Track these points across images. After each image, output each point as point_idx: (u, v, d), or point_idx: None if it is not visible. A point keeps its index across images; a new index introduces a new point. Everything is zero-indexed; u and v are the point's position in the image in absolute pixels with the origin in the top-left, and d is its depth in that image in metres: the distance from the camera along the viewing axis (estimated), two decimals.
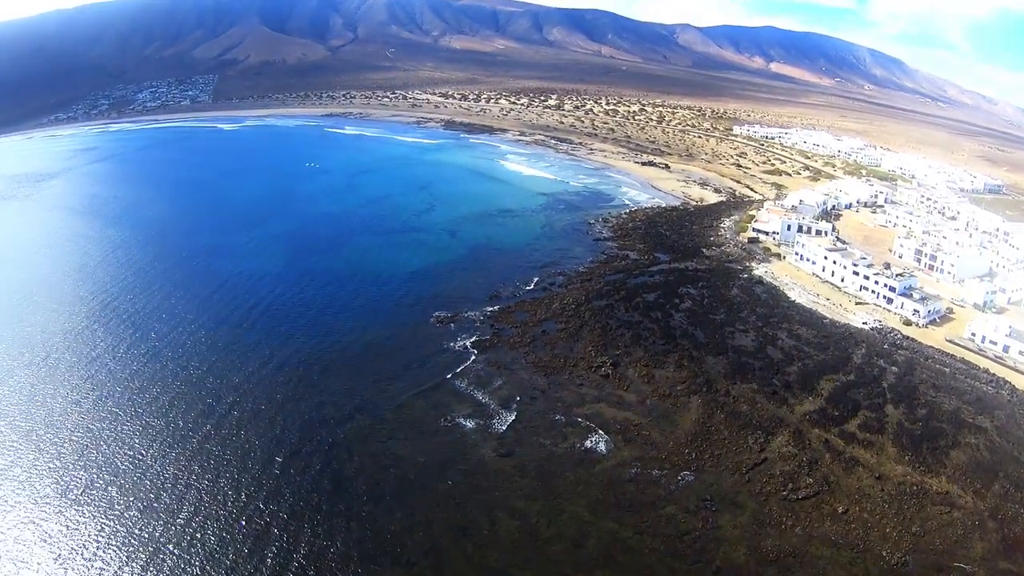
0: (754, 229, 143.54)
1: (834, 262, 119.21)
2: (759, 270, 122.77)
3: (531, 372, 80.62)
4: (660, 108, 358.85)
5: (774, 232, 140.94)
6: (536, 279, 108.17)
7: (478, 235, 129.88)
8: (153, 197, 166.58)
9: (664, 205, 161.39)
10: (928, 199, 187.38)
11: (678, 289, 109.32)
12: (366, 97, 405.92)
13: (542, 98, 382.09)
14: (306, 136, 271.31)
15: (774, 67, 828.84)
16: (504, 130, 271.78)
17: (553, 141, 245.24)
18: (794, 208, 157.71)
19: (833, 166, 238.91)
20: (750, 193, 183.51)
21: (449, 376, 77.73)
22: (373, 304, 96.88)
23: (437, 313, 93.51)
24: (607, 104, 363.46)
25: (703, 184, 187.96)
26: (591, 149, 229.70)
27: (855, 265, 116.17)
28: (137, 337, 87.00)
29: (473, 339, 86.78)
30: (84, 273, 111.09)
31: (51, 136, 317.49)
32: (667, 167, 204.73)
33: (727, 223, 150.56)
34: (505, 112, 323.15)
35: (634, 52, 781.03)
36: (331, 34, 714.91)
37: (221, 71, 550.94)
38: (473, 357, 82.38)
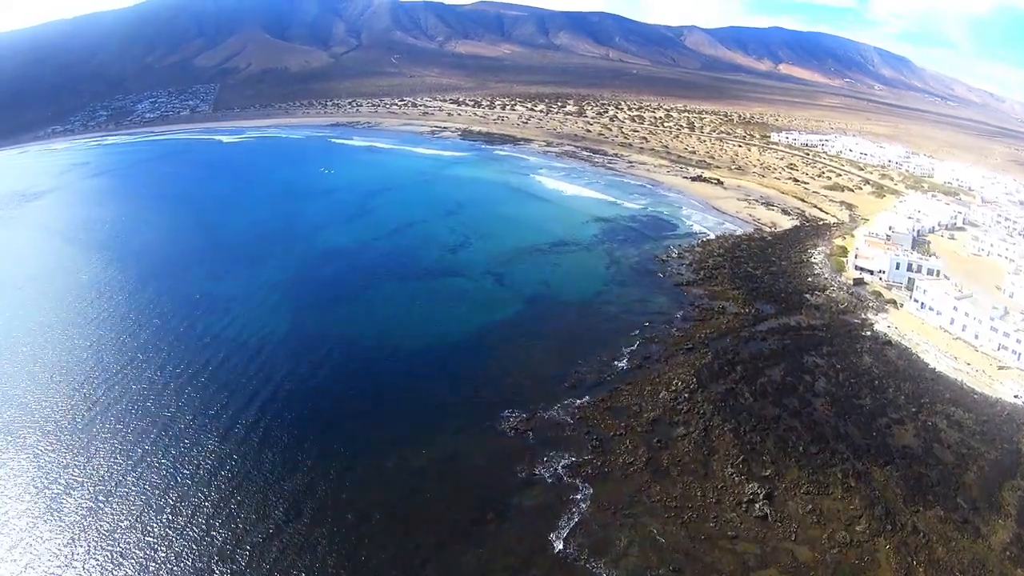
0: (856, 267, 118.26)
1: (965, 314, 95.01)
2: (880, 324, 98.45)
3: (662, 519, 54.37)
4: (686, 114, 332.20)
5: (880, 271, 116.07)
6: (624, 349, 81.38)
7: (532, 280, 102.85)
8: (143, 221, 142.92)
9: (738, 233, 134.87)
10: (1005, 219, 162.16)
11: (803, 359, 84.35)
12: (374, 105, 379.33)
13: (559, 104, 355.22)
14: (311, 149, 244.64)
15: (783, 68, 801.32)
16: (528, 140, 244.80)
17: (586, 153, 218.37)
18: (888, 238, 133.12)
19: (891, 179, 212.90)
20: (821, 215, 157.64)
21: (553, 539, 51.00)
22: (414, 397, 69.95)
23: (507, 413, 66.75)
24: (630, 110, 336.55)
25: (767, 204, 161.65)
26: (630, 162, 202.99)
27: (991, 320, 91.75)
28: (111, 455, 60.85)
29: (568, 460, 60.20)
30: (53, 335, 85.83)
31: (45, 150, 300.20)
32: (720, 183, 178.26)
33: (817, 257, 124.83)
34: (524, 120, 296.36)
35: (642, 55, 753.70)
36: (334, 41, 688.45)
37: (222, 79, 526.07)
38: (577, 497, 55.70)
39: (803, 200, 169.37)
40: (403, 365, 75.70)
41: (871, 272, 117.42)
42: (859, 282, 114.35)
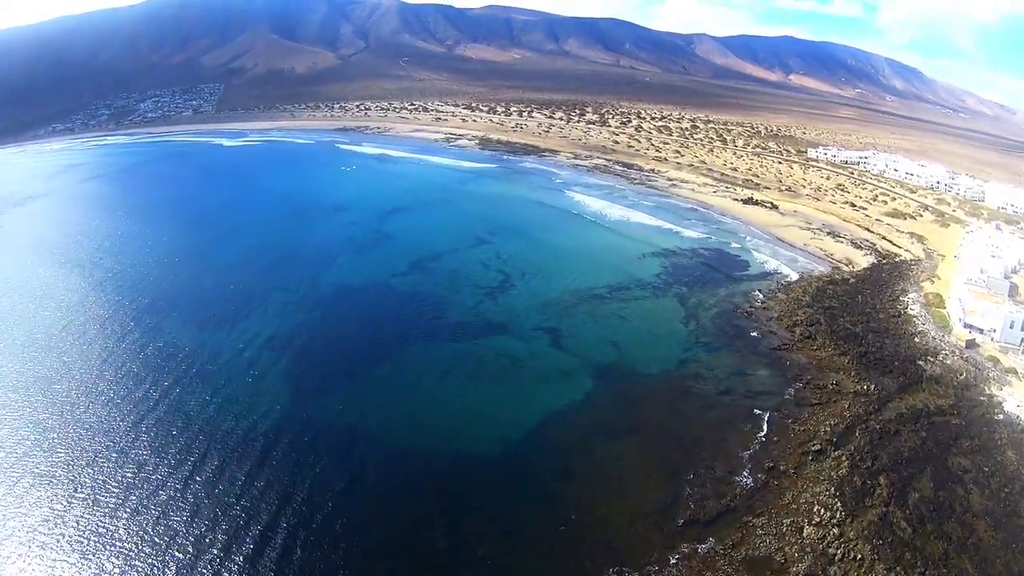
0: (965, 324, 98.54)
1: None
2: (1009, 403, 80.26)
3: None
4: (711, 125, 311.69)
5: (991, 329, 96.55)
6: (741, 453, 60.73)
7: (597, 340, 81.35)
8: (127, 239, 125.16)
9: (816, 273, 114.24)
10: None
11: (947, 460, 65.74)
12: (383, 109, 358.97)
13: (578, 112, 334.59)
14: (317, 157, 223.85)
15: (794, 79, 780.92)
16: (554, 151, 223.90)
17: (619, 167, 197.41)
18: (986, 285, 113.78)
19: (948, 204, 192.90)
20: (894, 249, 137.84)
21: None
22: (484, 546, 48.72)
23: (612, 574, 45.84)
24: (652, 120, 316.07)
25: (833, 234, 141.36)
26: (670, 180, 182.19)
27: None
28: None
29: None
30: None
31: (42, 149, 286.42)
32: (775, 207, 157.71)
33: (914, 308, 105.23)
34: (545, 129, 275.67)
35: (653, 63, 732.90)
36: (341, 43, 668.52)
37: (228, 79, 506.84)
38: None
39: (868, 230, 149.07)
40: (455, 486, 54.38)
41: (980, 330, 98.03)
42: (971, 344, 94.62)
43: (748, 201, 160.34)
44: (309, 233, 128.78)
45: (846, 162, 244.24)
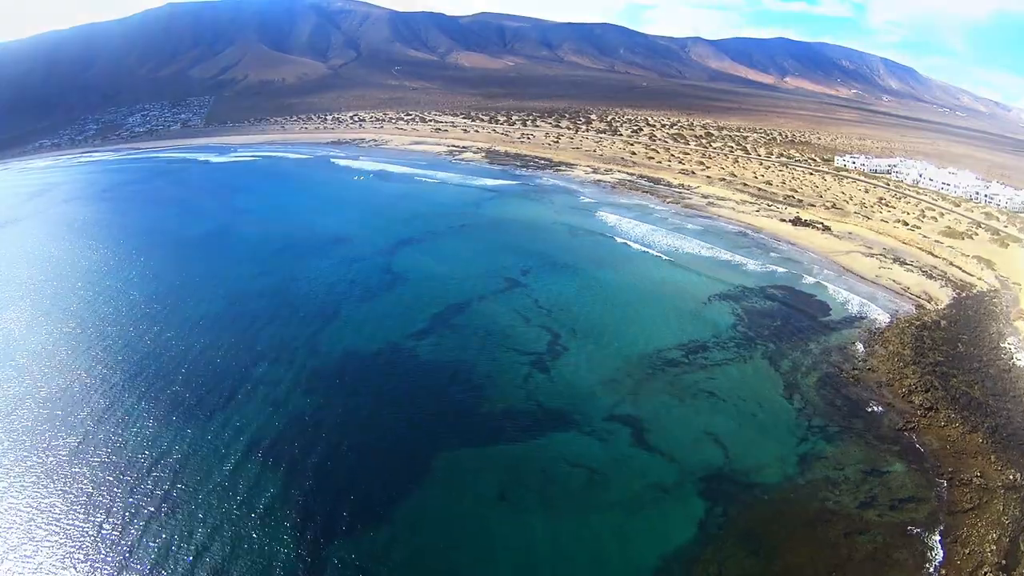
0: None
1: None
2: None
3: None
4: (725, 131, 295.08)
5: None
6: None
7: (690, 434, 61.38)
8: (98, 277, 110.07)
9: (902, 315, 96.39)
10: None
11: None
12: (378, 120, 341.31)
13: (584, 120, 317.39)
14: (312, 174, 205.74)
15: (790, 81, 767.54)
16: (569, 165, 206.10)
17: (645, 183, 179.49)
18: None
19: (996, 218, 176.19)
20: (965, 277, 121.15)
21: None
22: None
23: None
24: (663, 128, 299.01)
25: (899, 261, 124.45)
26: (705, 197, 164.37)
27: None
28: None
29: None
30: None
31: (25, 167, 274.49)
32: (828, 229, 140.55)
33: (1019, 356, 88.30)
34: (554, 139, 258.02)
35: (648, 67, 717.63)
36: (332, 53, 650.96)
37: (218, 92, 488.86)
38: None
39: (932, 254, 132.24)
40: None
41: None
42: None
43: (797, 222, 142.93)
44: (304, 273, 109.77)
45: (875, 171, 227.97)
